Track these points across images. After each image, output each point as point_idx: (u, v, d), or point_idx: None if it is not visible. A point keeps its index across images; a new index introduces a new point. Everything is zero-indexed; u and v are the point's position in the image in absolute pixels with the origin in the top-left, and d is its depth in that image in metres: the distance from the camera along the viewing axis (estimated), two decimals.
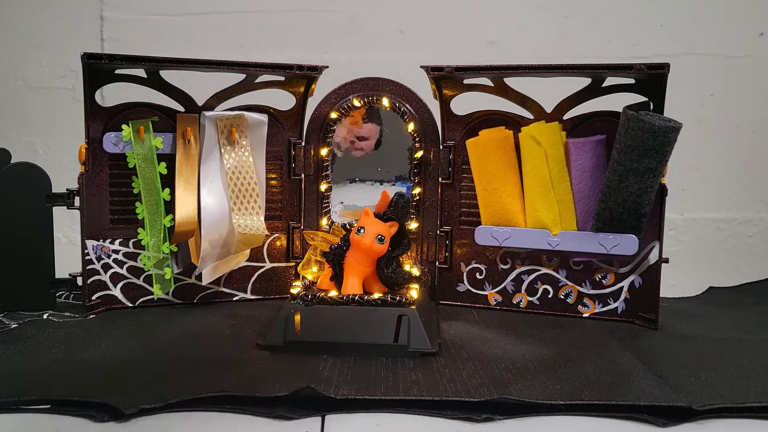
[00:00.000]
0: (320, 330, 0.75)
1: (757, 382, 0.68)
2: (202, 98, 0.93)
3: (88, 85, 0.86)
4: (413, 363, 0.71)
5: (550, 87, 0.96)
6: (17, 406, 0.60)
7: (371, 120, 0.95)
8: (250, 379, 0.65)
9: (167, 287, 0.91)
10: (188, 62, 0.88)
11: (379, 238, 0.79)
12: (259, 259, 0.98)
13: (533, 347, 0.78)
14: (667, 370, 0.71)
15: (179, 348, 0.75)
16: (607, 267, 0.91)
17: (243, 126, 0.92)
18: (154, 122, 0.89)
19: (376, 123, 0.95)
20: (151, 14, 1.24)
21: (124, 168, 0.89)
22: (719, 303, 1.03)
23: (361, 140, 0.93)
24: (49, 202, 0.89)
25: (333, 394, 0.62)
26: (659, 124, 0.80)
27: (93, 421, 0.58)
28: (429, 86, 0.95)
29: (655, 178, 0.83)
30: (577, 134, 0.91)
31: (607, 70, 0.88)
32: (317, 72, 0.95)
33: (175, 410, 0.60)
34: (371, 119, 0.95)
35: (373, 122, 0.95)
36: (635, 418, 0.60)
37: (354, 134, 0.93)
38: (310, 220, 0.98)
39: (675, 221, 1.26)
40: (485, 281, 0.96)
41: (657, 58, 1.21)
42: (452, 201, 0.96)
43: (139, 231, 0.89)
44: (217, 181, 0.91)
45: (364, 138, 0.93)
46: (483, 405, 0.61)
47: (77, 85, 1.21)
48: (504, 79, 0.93)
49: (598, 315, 0.92)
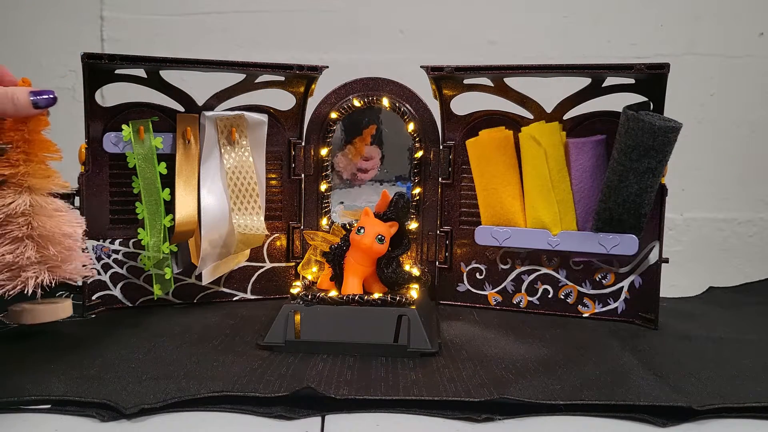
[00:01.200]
0: (320, 330, 0.75)
1: (757, 382, 0.68)
2: (202, 98, 0.93)
3: (88, 85, 0.86)
4: (413, 363, 0.71)
5: (550, 87, 0.96)
6: (17, 406, 0.60)
7: (372, 143, 0.95)
8: (250, 379, 0.65)
9: (167, 287, 0.91)
10: (188, 62, 0.88)
11: (379, 238, 0.79)
12: (259, 259, 0.98)
13: (533, 347, 0.78)
14: (667, 370, 0.71)
15: (179, 348, 0.75)
16: (607, 267, 0.91)
17: (243, 126, 0.92)
18: (154, 122, 0.89)
19: (375, 145, 0.95)
20: (151, 14, 1.24)
21: (124, 168, 0.89)
22: (719, 303, 1.03)
23: (364, 172, 0.93)
24: None
25: (333, 394, 0.62)
26: (659, 124, 0.80)
27: (93, 421, 0.58)
28: (429, 86, 0.95)
29: (655, 178, 0.83)
30: (577, 134, 0.91)
31: (607, 70, 0.88)
32: (317, 72, 0.95)
33: (175, 410, 0.60)
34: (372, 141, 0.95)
35: (373, 145, 0.95)
36: (635, 418, 0.60)
37: (356, 166, 0.93)
38: (310, 220, 0.98)
39: (675, 221, 1.26)
40: (485, 281, 0.96)
41: (657, 58, 1.21)
42: (452, 201, 0.96)
43: (139, 231, 0.89)
44: (217, 181, 0.91)
45: (367, 169, 0.93)
46: (483, 405, 0.61)
47: (77, 85, 1.21)
48: (504, 79, 0.93)
49: (598, 315, 0.92)
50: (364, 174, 0.93)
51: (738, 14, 1.24)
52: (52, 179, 0.75)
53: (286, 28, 1.24)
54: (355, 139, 0.95)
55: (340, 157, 0.92)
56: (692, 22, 1.24)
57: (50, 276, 0.73)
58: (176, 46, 1.22)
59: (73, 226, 0.75)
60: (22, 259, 0.71)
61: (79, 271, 0.75)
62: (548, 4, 1.25)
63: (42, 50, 1.25)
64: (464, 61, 0.93)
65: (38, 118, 0.73)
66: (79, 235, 0.75)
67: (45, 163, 0.74)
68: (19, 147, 0.72)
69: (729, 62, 1.24)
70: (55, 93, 0.73)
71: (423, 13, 1.25)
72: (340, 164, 0.91)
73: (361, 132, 0.96)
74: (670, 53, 1.23)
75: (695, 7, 1.24)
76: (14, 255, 0.71)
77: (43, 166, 0.74)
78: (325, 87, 0.97)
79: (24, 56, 1.25)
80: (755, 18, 1.24)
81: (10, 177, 0.72)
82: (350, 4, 1.24)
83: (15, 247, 0.72)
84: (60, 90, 1.24)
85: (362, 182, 0.95)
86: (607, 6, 1.24)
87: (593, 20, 1.24)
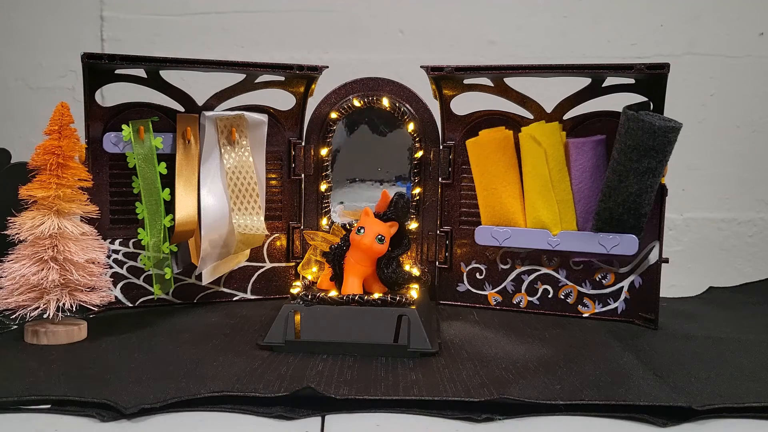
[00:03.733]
0: (320, 330, 0.75)
1: (757, 382, 0.67)
2: (202, 98, 0.93)
3: (88, 85, 0.86)
4: (413, 363, 0.71)
5: (550, 87, 0.96)
6: (17, 406, 0.60)
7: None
8: (250, 379, 0.65)
9: (167, 287, 0.91)
10: (188, 62, 0.88)
11: (379, 238, 0.79)
12: (259, 259, 0.98)
13: (533, 347, 0.78)
14: (667, 370, 0.71)
15: (179, 348, 0.75)
16: (607, 267, 0.91)
17: (243, 126, 0.92)
18: (154, 122, 0.89)
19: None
20: (151, 14, 1.24)
21: (124, 168, 0.89)
22: (719, 303, 1.03)
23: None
24: None
25: (333, 394, 0.62)
26: (659, 124, 0.80)
27: (93, 421, 0.58)
28: (429, 86, 0.95)
29: (655, 178, 0.83)
30: (577, 134, 0.91)
31: (607, 70, 0.88)
32: (317, 72, 0.95)
33: (175, 410, 0.60)
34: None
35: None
36: (635, 418, 0.60)
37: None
38: (310, 220, 0.98)
39: (675, 221, 1.26)
40: (485, 281, 0.96)
41: (657, 58, 1.21)
42: (452, 201, 0.96)
43: (139, 231, 0.89)
44: (217, 181, 0.91)
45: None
46: (483, 405, 0.61)
47: (77, 85, 1.21)
48: (504, 79, 0.93)
49: (598, 315, 0.92)
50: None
51: (738, 14, 1.24)
52: (80, 203, 0.77)
53: (286, 28, 1.24)
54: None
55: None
56: (692, 22, 1.24)
57: (71, 300, 0.75)
58: (176, 46, 1.22)
59: (96, 252, 0.76)
60: (46, 281, 0.73)
61: (99, 297, 0.78)
62: (548, 4, 1.25)
63: (42, 50, 1.25)
64: (464, 61, 0.93)
65: (73, 143, 0.76)
66: (102, 261, 0.77)
67: (75, 188, 0.76)
68: (53, 171, 0.74)
69: (729, 62, 1.24)
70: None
71: (423, 13, 1.25)
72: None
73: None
74: (670, 53, 1.23)
75: (695, 7, 1.24)
76: (38, 277, 0.74)
77: (73, 190, 0.76)
78: (325, 87, 0.97)
79: (24, 56, 1.25)
80: (755, 18, 1.24)
81: (41, 199, 0.74)
82: (350, 4, 1.24)
83: (40, 268, 0.74)
84: (60, 90, 1.25)
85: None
86: (607, 6, 1.24)
87: (593, 20, 1.24)
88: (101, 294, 0.78)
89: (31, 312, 0.74)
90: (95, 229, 0.80)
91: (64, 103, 0.77)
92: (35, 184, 0.76)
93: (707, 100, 1.25)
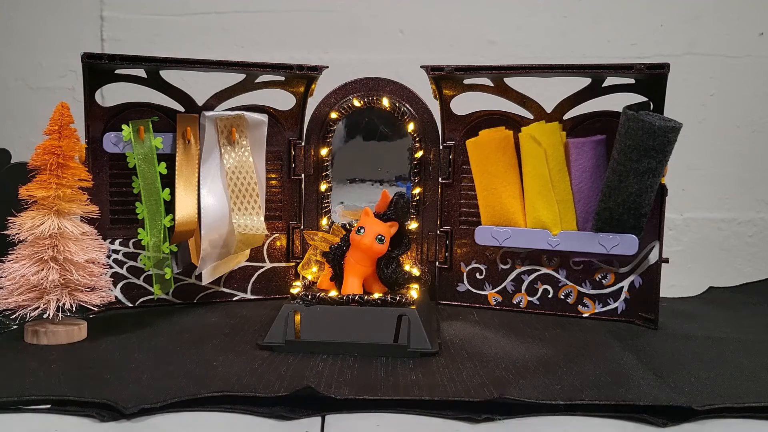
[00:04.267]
0: (320, 330, 0.75)
1: (757, 382, 0.68)
2: (202, 98, 0.93)
3: (88, 85, 0.86)
4: (413, 363, 0.71)
5: (550, 87, 0.96)
6: (17, 406, 0.60)
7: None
8: (250, 379, 0.65)
9: (167, 287, 0.91)
10: (188, 62, 0.88)
11: (379, 238, 0.79)
12: (259, 259, 0.98)
13: (533, 347, 0.78)
14: (667, 370, 0.71)
15: (179, 348, 0.75)
16: (607, 267, 0.91)
17: (243, 126, 0.92)
18: (154, 122, 0.89)
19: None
20: (151, 14, 1.24)
21: (124, 168, 0.89)
22: (719, 303, 1.03)
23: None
24: None
25: (333, 394, 0.62)
26: (659, 124, 0.80)
27: (93, 421, 0.58)
28: (429, 86, 0.95)
29: (655, 178, 0.83)
30: (577, 134, 0.91)
31: (607, 70, 0.88)
32: (317, 72, 0.95)
33: (175, 410, 0.60)
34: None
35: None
36: (635, 418, 0.60)
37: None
38: (310, 220, 0.98)
39: (675, 221, 1.26)
40: (485, 281, 0.96)
41: (657, 58, 1.21)
42: (452, 201, 0.96)
43: (139, 231, 0.89)
44: (217, 181, 0.91)
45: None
46: (483, 405, 0.61)
47: (77, 85, 1.21)
48: (504, 79, 0.93)
49: (598, 315, 0.92)
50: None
51: (738, 14, 1.24)
52: (80, 203, 0.77)
53: (286, 28, 1.24)
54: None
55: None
56: (692, 22, 1.24)
57: (71, 300, 0.75)
58: (176, 46, 1.22)
59: (96, 252, 0.76)
60: (46, 281, 0.73)
61: (99, 297, 0.78)
62: (548, 4, 1.25)
63: (42, 50, 1.25)
64: (464, 61, 0.93)
65: (73, 143, 0.76)
66: (102, 261, 0.77)
67: (75, 188, 0.76)
68: (53, 171, 0.74)
69: (729, 62, 1.24)
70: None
71: (423, 13, 1.25)
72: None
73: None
74: (670, 53, 1.23)
75: (695, 7, 1.24)
76: (38, 277, 0.74)
77: (73, 190, 0.76)
78: (325, 87, 0.97)
79: (24, 56, 1.25)
80: (755, 18, 1.24)
81: (41, 199, 0.74)
82: (350, 4, 1.24)
83: (40, 268, 0.74)
84: (60, 90, 1.25)
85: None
86: (607, 6, 1.24)
87: (593, 20, 1.24)
88: (101, 294, 0.78)
89: (31, 312, 0.74)
90: (95, 229, 0.80)
91: (64, 103, 0.77)
92: (35, 184, 0.76)
93: (707, 100, 1.25)
